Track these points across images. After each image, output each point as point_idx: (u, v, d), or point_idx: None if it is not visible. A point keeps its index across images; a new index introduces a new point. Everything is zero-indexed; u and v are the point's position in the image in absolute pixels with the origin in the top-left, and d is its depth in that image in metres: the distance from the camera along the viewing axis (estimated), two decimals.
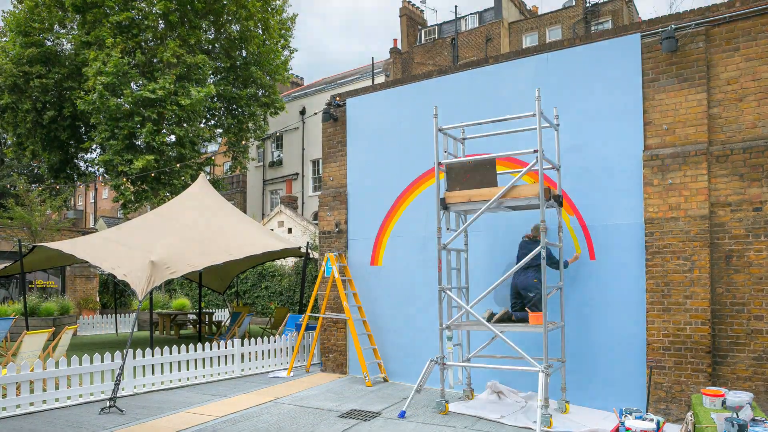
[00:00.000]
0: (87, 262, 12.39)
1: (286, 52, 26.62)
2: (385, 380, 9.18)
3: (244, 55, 25.15)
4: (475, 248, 8.58)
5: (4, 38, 24.11)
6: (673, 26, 7.11)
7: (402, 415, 7.20)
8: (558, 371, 7.47)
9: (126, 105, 20.64)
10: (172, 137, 22.12)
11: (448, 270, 7.91)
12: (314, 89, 31.20)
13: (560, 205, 7.51)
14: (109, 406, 7.57)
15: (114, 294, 19.89)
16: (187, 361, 9.57)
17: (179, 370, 9.43)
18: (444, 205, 7.55)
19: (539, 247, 6.85)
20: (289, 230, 22.39)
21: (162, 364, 9.28)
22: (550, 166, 7.51)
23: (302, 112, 29.77)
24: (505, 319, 7.56)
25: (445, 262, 7.88)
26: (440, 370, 7.49)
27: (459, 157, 8.15)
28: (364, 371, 8.82)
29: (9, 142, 26.22)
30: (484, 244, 8.65)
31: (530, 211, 7.86)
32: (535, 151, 6.89)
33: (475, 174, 7.27)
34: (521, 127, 7.60)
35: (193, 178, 21.35)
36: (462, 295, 8.32)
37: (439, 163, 7.62)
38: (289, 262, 20.07)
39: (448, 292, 7.49)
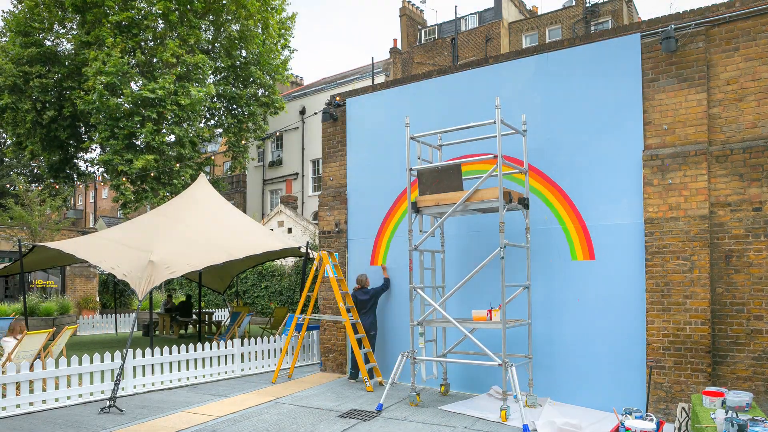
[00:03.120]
0: (87, 261, 12.41)
1: (285, 52, 26.64)
2: (381, 383, 9.16)
3: (243, 54, 25.17)
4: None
5: (4, 38, 24.12)
6: (672, 26, 7.11)
7: (379, 407, 7.57)
8: (524, 366, 7.86)
9: (126, 105, 20.66)
10: (172, 137, 22.13)
11: (421, 270, 8.37)
12: (314, 89, 31.19)
13: (526, 207, 7.84)
14: (109, 406, 7.57)
15: (114, 294, 19.90)
16: (187, 360, 9.57)
17: (179, 370, 9.43)
18: (416, 209, 8.02)
19: (494, 253, 7.21)
20: (289, 230, 22.39)
21: (162, 364, 9.28)
22: (515, 169, 7.90)
23: (302, 112, 29.76)
24: None
25: (418, 262, 8.46)
26: (411, 364, 7.89)
27: (434, 163, 8.52)
28: (365, 376, 8.84)
29: (9, 141, 26.21)
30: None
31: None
32: (495, 156, 7.36)
33: (443, 179, 7.72)
34: (492, 133, 7.81)
35: (193, 178, 21.36)
36: (438, 294, 8.68)
37: (411, 169, 8.10)
38: (289, 261, 20.08)
39: (419, 291, 7.92)
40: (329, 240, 10.43)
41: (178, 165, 21.69)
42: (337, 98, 10.54)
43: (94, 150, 25.71)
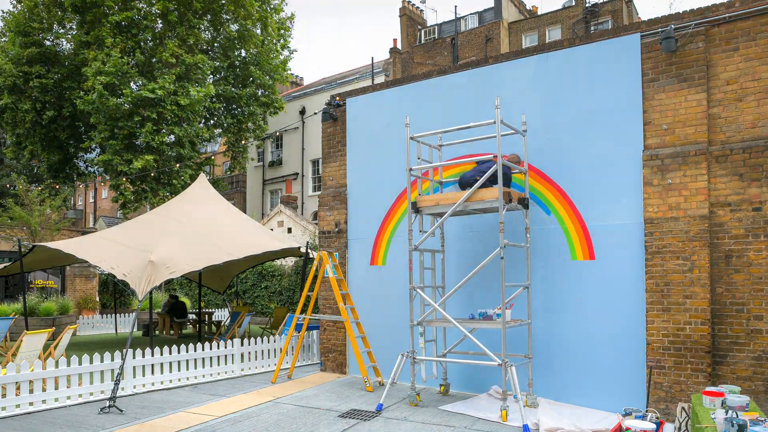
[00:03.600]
0: (87, 261, 12.40)
1: (285, 52, 26.63)
2: (381, 384, 9.16)
3: (243, 54, 25.17)
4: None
5: (4, 38, 24.11)
6: (672, 26, 7.12)
7: (379, 407, 7.57)
8: (524, 366, 7.86)
9: (125, 105, 20.65)
10: (172, 137, 22.12)
11: (421, 270, 8.36)
12: (314, 89, 31.19)
13: (526, 207, 7.85)
14: (109, 406, 7.57)
15: (114, 294, 19.89)
16: (187, 360, 9.57)
17: (179, 370, 9.42)
18: (416, 209, 8.01)
19: (494, 253, 7.23)
20: (289, 230, 22.40)
21: (162, 364, 9.28)
22: (515, 169, 7.88)
23: (302, 112, 29.76)
24: None
25: (418, 262, 8.44)
26: (411, 364, 7.89)
27: (434, 164, 8.49)
28: (365, 376, 8.85)
29: (8, 142, 26.20)
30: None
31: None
32: (495, 156, 7.36)
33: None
34: (492, 133, 7.81)
35: (193, 178, 21.35)
36: (438, 294, 8.66)
37: (411, 169, 8.08)
38: (289, 261, 20.08)
39: (419, 291, 7.91)
40: (329, 240, 10.44)
41: (177, 165, 21.69)
42: (337, 98, 10.55)
43: (94, 150, 25.70)
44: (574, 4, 31.18)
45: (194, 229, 11.22)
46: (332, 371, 10.29)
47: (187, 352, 9.55)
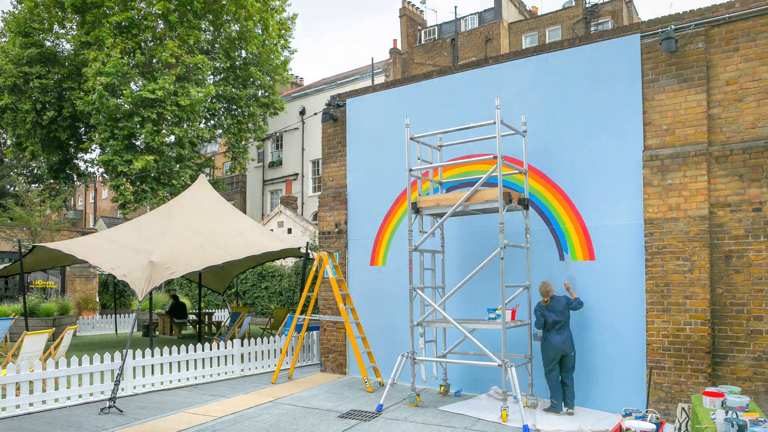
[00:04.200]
0: (87, 262, 12.40)
1: (285, 53, 26.63)
2: (381, 384, 9.16)
3: (243, 55, 25.17)
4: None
5: (4, 39, 24.13)
6: (672, 27, 7.12)
7: (379, 408, 7.57)
8: (524, 367, 7.86)
9: (125, 105, 20.65)
10: (172, 137, 22.13)
11: (421, 270, 8.37)
12: (314, 89, 31.17)
13: (526, 208, 7.83)
14: (109, 407, 7.57)
15: (114, 294, 19.89)
16: (187, 361, 9.57)
17: (179, 371, 9.42)
18: (416, 209, 8.03)
19: (494, 254, 7.25)
20: (289, 230, 22.39)
21: (162, 365, 9.28)
22: (515, 170, 7.89)
23: (302, 113, 29.75)
24: None
25: (418, 262, 8.45)
26: (411, 365, 7.90)
27: (434, 164, 8.47)
28: (365, 376, 8.85)
29: (9, 142, 26.21)
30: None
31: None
32: (495, 157, 7.38)
33: None
34: (492, 134, 7.75)
35: (193, 179, 21.35)
36: (438, 294, 8.67)
37: (411, 170, 8.11)
38: (289, 262, 20.07)
39: (419, 291, 7.92)
40: (329, 240, 10.44)
41: (177, 166, 21.70)
42: (337, 99, 10.55)
43: (94, 150, 25.72)
44: (574, 4, 31.17)
45: (194, 230, 11.22)
46: (332, 372, 10.29)
47: (187, 352, 9.55)
